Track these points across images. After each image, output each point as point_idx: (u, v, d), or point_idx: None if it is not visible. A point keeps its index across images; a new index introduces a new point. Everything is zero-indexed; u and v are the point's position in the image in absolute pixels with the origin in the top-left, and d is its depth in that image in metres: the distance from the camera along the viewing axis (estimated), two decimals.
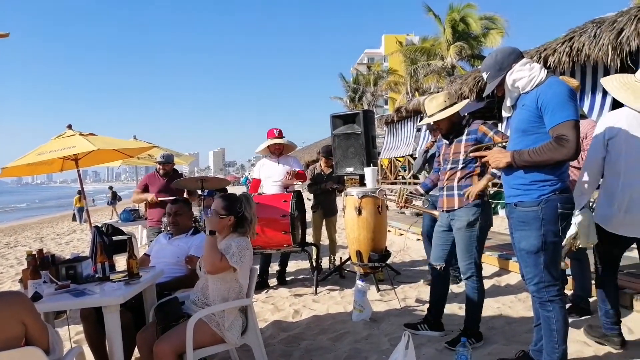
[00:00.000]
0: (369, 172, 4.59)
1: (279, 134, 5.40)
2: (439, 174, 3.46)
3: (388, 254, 4.68)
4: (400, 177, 18.07)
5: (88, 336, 3.08)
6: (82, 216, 18.42)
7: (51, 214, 30.37)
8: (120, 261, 4.87)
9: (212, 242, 2.65)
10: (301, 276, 5.81)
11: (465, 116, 3.38)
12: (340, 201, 5.35)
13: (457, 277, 4.77)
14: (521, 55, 2.58)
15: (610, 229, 2.90)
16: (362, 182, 5.00)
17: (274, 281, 5.43)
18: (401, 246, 7.26)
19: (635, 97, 2.80)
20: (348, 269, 5.52)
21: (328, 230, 5.88)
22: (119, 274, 2.95)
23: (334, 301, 4.62)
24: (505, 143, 2.84)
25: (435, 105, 3.30)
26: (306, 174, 5.63)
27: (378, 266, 4.58)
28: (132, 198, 6.11)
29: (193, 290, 2.89)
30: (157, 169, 5.79)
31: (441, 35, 23.92)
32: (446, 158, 3.35)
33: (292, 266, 6.16)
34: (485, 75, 2.69)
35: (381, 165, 19.01)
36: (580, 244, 3.01)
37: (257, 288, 4.97)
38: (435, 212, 3.56)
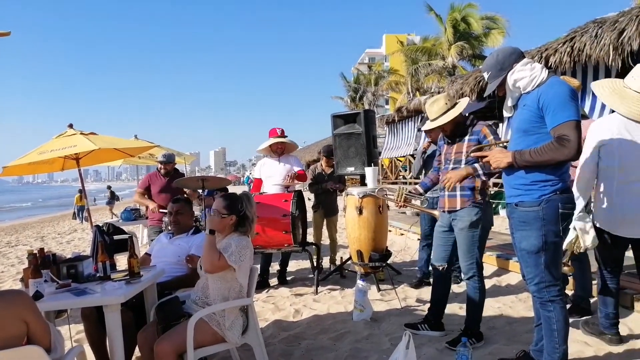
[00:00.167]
0: (370, 172, 4.59)
1: (282, 133, 5.41)
2: (440, 174, 3.46)
3: (389, 254, 4.68)
4: (401, 177, 18.06)
5: (89, 335, 3.08)
6: (83, 215, 18.52)
7: (52, 213, 30.40)
8: (121, 260, 4.87)
9: (211, 241, 2.65)
10: (302, 276, 5.81)
11: (469, 116, 3.37)
12: (341, 201, 5.35)
13: (458, 277, 4.78)
14: (522, 55, 2.58)
15: (610, 231, 2.95)
16: (363, 182, 5.00)
17: (275, 281, 5.43)
18: (402, 246, 7.27)
19: (621, 103, 2.86)
20: (349, 269, 5.52)
21: (329, 229, 5.88)
22: (120, 273, 2.96)
23: (335, 301, 4.62)
24: (505, 144, 2.85)
25: (436, 109, 3.29)
26: (307, 174, 5.63)
27: (379, 266, 4.58)
28: (134, 198, 6.11)
29: (194, 289, 2.90)
30: (158, 169, 5.79)
31: (442, 35, 23.91)
32: (448, 158, 3.35)
33: (293, 266, 6.16)
34: (486, 75, 2.69)
35: (382, 165, 19.01)
36: (581, 248, 3.05)
37: (258, 287, 4.97)
38: (435, 212, 3.56)
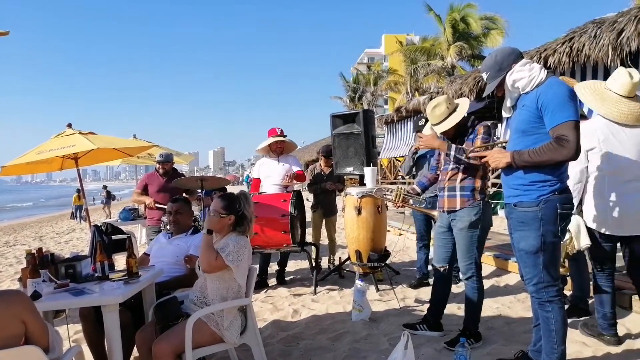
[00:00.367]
0: (369, 172, 4.59)
1: (281, 133, 5.41)
2: (440, 174, 3.45)
3: (387, 254, 4.69)
4: (400, 177, 18.06)
5: (87, 335, 3.07)
6: (81, 214, 18.58)
7: (51, 213, 30.36)
8: (119, 260, 4.87)
9: (209, 241, 2.66)
10: (300, 276, 5.81)
11: (469, 117, 3.35)
12: (340, 201, 5.35)
13: (456, 277, 4.78)
14: (521, 55, 2.59)
15: (601, 230, 3.04)
16: (362, 182, 5.00)
17: (273, 281, 5.43)
18: (400, 246, 7.26)
19: (602, 104, 2.96)
20: (347, 269, 5.52)
21: (327, 230, 5.89)
22: (119, 273, 2.95)
23: (333, 301, 4.62)
24: (504, 144, 2.85)
25: (438, 114, 3.28)
26: (305, 174, 5.63)
27: (377, 266, 4.58)
28: (132, 198, 6.11)
29: (192, 289, 2.90)
30: (157, 168, 5.78)
31: (441, 35, 23.89)
32: (447, 158, 3.34)
33: (292, 266, 6.16)
34: (485, 75, 2.69)
35: (381, 165, 19.01)
36: (575, 248, 3.19)
37: (257, 287, 4.97)
38: (433, 212, 3.56)
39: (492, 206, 9.29)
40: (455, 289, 4.67)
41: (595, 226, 3.08)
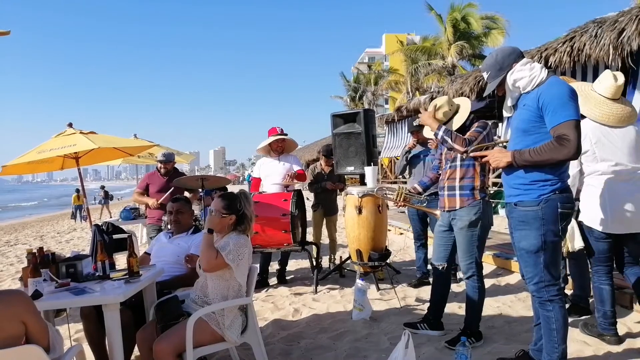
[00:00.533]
0: (370, 172, 4.59)
1: (282, 132, 5.40)
2: (441, 173, 3.45)
3: (388, 253, 4.69)
4: (400, 177, 18.05)
5: (88, 334, 3.08)
6: (81, 214, 18.68)
7: (52, 212, 30.39)
8: (120, 259, 4.87)
9: (209, 240, 2.66)
10: (301, 275, 5.81)
11: (469, 116, 3.35)
12: (340, 200, 5.35)
13: (454, 276, 4.78)
14: (521, 55, 2.58)
15: (600, 228, 3.07)
16: (363, 182, 5.00)
17: (274, 280, 5.43)
18: (401, 245, 7.27)
19: (585, 105, 3.01)
20: (348, 268, 5.52)
21: (328, 229, 5.88)
22: (119, 273, 2.95)
23: (334, 300, 4.62)
24: (505, 144, 2.85)
25: (440, 116, 3.29)
26: (306, 174, 5.63)
27: (378, 265, 4.58)
28: (133, 198, 6.12)
29: (193, 288, 2.90)
30: (158, 168, 5.78)
31: (442, 34, 23.86)
32: (448, 158, 3.35)
33: (292, 265, 6.16)
34: (485, 75, 2.69)
35: (381, 164, 19.00)
36: (569, 250, 3.31)
37: (257, 287, 4.97)
38: (435, 211, 3.56)
39: (493, 205, 9.28)
40: (456, 288, 4.67)
41: (592, 225, 3.11)
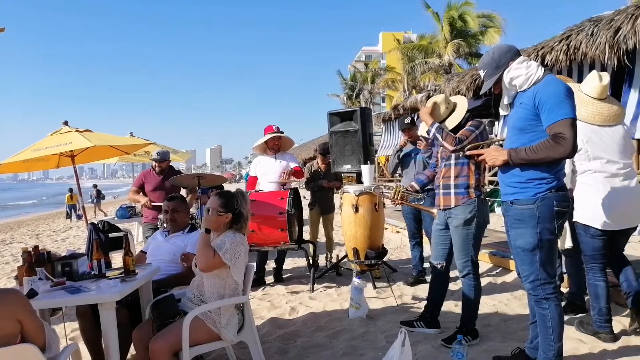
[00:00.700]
0: (366, 170, 4.58)
1: (278, 130, 5.39)
2: (437, 171, 3.45)
3: (385, 252, 4.69)
4: (397, 175, 18.05)
5: (84, 333, 3.07)
6: (76, 213, 18.73)
7: (47, 211, 30.28)
8: (116, 258, 4.86)
9: (206, 240, 2.66)
10: (298, 273, 5.81)
11: (465, 113, 3.35)
12: (337, 198, 5.34)
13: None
14: (518, 53, 2.59)
15: (595, 225, 3.09)
16: (359, 180, 5.00)
17: (271, 278, 5.43)
18: (398, 244, 7.28)
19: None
20: (345, 267, 5.52)
21: (325, 227, 5.88)
22: (115, 271, 2.94)
23: (331, 298, 4.62)
24: (501, 142, 2.86)
25: (437, 115, 3.29)
26: (303, 171, 5.62)
27: (375, 263, 4.58)
28: (128, 196, 6.10)
29: (189, 287, 2.89)
30: (153, 166, 5.76)
31: (439, 32, 23.88)
32: (443, 156, 3.35)
33: (289, 263, 6.16)
34: (482, 73, 2.69)
35: (378, 162, 19.02)
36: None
37: (254, 285, 4.96)
38: (432, 210, 3.56)
39: (489, 203, 9.31)
40: (452, 287, 4.67)
41: (589, 222, 3.12)
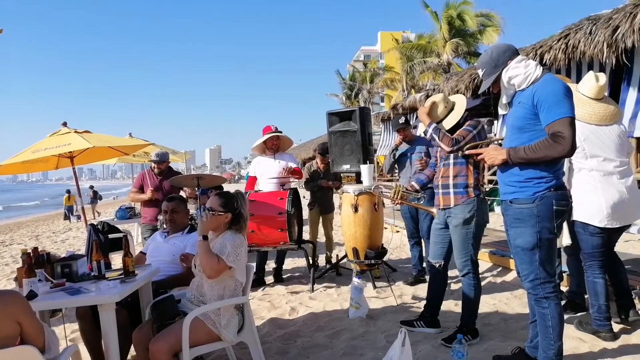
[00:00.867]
0: (365, 170, 4.59)
1: (276, 130, 5.39)
2: (437, 171, 3.45)
3: (384, 251, 4.69)
4: (396, 175, 18.04)
5: (84, 334, 3.07)
6: (74, 214, 18.77)
7: (47, 212, 30.25)
8: (116, 259, 4.86)
9: (206, 247, 2.65)
10: (297, 274, 5.81)
11: (464, 113, 3.35)
12: (337, 198, 5.34)
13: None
14: (516, 52, 2.59)
15: (597, 224, 3.10)
16: (358, 180, 5.00)
17: (271, 279, 5.43)
18: (397, 243, 7.28)
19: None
20: (344, 266, 5.52)
21: (325, 227, 5.88)
22: (115, 272, 2.94)
23: (331, 298, 4.62)
24: (500, 141, 2.86)
25: (437, 113, 3.29)
26: (302, 171, 5.63)
27: (374, 263, 4.58)
28: (130, 197, 6.09)
29: (189, 288, 2.89)
30: (152, 167, 5.75)
31: (437, 32, 23.89)
32: (442, 155, 3.35)
33: (289, 263, 6.16)
34: (480, 72, 2.69)
35: (377, 162, 19.01)
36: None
37: (254, 285, 4.96)
38: (432, 209, 3.56)
39: (489, 203, 9.31)
40: (452, 286, 4.68)
41: (589, 220, 3.13)
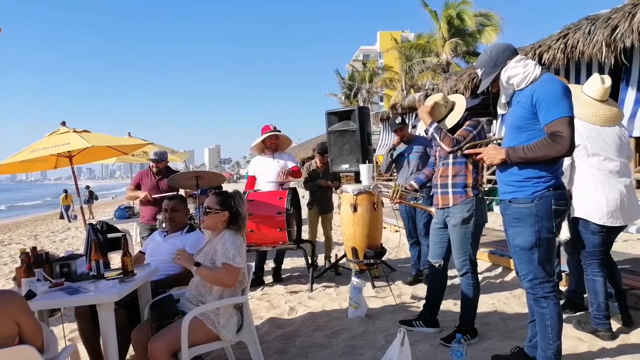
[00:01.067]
0: (365, 169, 4.59)
1: (275, 129, 5.38)
2: (436, 170, 3.45)
3: (383, 251, 4.69)
4: (394, 175, 18.04)
5: (82, 334, 3.06)
6: (70, 214, 18.73)
7: (46, 212, 30.21)
8: (114, 259, 4.85)
9: (206, 270, 2.68)
10: (297, 273, 5.81)
11: (464, 112, 3.35)
12: (336, 198, 5.34)
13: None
14: (515, 51, 2.59)
15: (598, 222, 3.11)
16: (358, 179, 4.99)
17: (270, 278, 5.42)
18: (396, 243, 7.27)
19: (574, 105, 3.10)
20: (343, 266, 5.52)
21: (324, 227, 5.88)
22: (114, 272, 2.94)
23: (330, 298, 4.62)
24: (499, 141, 2.86)
25: (436, 114, 3.30)
26: (301, 171, 5.62)
27: (373, 263, 4.58)
28: (126, 195, 6.09)
29: (188, 287, 2.89)
30: (150, 167, 5.75)
31: (436, 31, 23.91)
32: (441, 155, 3.35)
33: (288, 263, 6.16)
34: (479, 71, 2.69)
35: (376, 162, 19.01)
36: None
37: (253, 285, 4.96)
38: (431, 209, 3.56)
39: (488, 202, 9.32)
40: (451, 286, 4.68)
41: (589, 218, 3.14)
